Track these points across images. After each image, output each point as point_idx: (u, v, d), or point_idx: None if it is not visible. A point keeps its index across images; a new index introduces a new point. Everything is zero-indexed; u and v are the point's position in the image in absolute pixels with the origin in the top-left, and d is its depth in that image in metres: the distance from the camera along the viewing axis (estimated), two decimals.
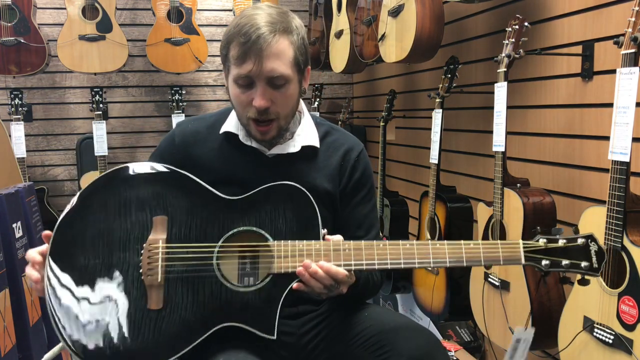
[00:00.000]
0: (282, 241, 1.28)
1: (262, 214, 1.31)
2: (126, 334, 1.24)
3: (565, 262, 1.17)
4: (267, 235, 1.30)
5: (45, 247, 1.28)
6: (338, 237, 1.31)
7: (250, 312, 1.27)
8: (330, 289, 1.25)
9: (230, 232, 1.31)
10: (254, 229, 1.31)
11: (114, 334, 1.23)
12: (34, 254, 1.29)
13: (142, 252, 1.27)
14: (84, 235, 1.27)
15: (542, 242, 1.18)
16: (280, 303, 1.28)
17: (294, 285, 1.27)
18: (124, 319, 1.24)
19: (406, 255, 1.24)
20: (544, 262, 1.17)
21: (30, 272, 1.29)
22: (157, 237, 1.28)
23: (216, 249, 1.29)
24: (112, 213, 1.29)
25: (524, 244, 1.18)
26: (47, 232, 1.29)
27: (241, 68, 1.32)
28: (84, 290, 1.25)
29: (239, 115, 1.42)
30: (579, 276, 1.22)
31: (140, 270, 1.26)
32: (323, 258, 1.25)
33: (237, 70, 1.33)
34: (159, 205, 1.30)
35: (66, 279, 1.25)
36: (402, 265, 1.25)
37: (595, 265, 1.17)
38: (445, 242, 1.24)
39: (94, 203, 1.29)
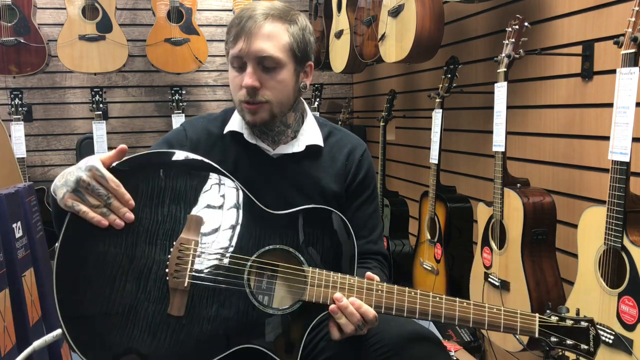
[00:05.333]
0: (317, 269, 1.23)
1: (300, 235, 1.26)
2: (138, 336, 1.13)
3: (569, 341, 1.23)
4: (302, 259, 1.24)
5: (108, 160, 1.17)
6: (375, 277, 1.27)
7: (275, 337, 1.21)
8: (359, 327, 1.22)
9: (265, 248, 1.24)
10: (290, 249, 1.25)
11: (124, 334, 1.13)
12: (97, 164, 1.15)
13: (171, 249, 1.19)
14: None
15: (554, 319, 1.24)
16: (307, 334, 1.22)
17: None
18: (139, 319, 1.14)
19: (434, 307, 1.23)
20: (552, 339, 1.23)
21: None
22: (190, 238, 1.20)
23: (249, 263, 1.22)
24: (142, 200, 1.19)
25: (539, 317, 1.23)
26: (123, 146, 1.19)
27: (234, 48, 1.34)
28: (96, 279, 1.14)
29: (234, 102, 1.41)
30: (560, 353, 1.27)
31: (167, 270, 1.17)
32: (356, 295, 1.22)
33: (231, 51, 1.36)
34: (196, 202, 1.22)
35: (78, 262, 1.15)
36: (430, 318, 1.24)
37: (592, 350, 1.22)
38: (472, 302, 1.24)
39: (125, 184, 1.17)
